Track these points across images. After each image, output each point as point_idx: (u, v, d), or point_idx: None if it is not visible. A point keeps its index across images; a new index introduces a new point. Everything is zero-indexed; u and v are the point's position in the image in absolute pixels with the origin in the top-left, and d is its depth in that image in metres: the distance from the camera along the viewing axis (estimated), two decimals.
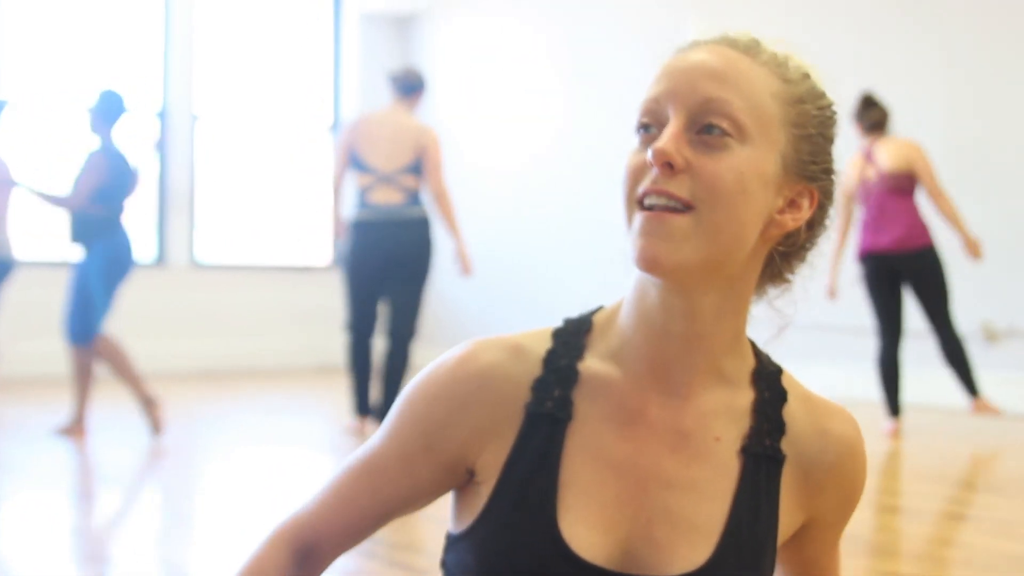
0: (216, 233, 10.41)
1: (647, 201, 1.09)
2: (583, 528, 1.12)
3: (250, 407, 7.88)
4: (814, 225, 1.18)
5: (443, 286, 10.63)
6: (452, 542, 1.22)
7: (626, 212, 1.12)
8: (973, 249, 6.20)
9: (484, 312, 10.29)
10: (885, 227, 6.20)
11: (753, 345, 1.21)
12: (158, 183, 10.11)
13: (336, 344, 10.62)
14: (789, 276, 1.19)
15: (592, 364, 1.17)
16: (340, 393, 8.21)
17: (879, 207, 6.21)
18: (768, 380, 1.20)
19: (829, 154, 1.16)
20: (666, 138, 1.08)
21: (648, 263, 1.09)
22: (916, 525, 4.06)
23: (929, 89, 7.72)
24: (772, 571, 1.18)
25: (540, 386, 1.16)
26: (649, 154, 1.08)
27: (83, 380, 6.13)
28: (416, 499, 1.22)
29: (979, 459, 5.72)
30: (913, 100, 7.65)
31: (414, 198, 6.18)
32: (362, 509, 1.22)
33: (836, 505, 1.22)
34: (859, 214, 6.33)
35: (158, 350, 9.85)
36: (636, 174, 1.11)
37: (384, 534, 3.67)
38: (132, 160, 6.23)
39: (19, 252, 6.88)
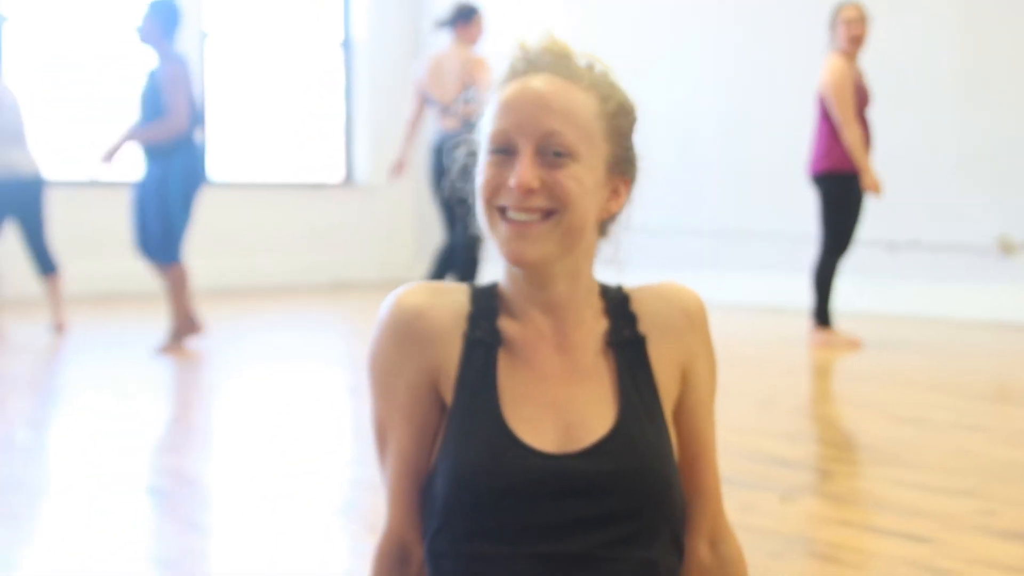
0: (229, 152, 10.37)
1: (511, 215, 1.42)
2: (524, 423, 1.44)
3: (267, 324, 7.92)
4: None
5: None
6: (427, 486, 1.46)
7: (486, 214, 1.45)
8: (873, 187, 6.17)
9: None
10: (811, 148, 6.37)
11: (600, 283, 1.54)
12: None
13: (351, 260, 10.69)
14: (612, 233, 1.54)
15: (503, 315, 1.50)
16: (354, 309, 8.24)
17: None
18: (613, 292, 1.54)
19: (634, 147, 1.51)
20: (524, 169, 1.41)
21: (518, 261, 1.43)
22: (929, 436, 4.07)
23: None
24: (667, 430, 1.48)
25: (473, 318, 1.48)
26: (512, 182, 1.41)
27: (181, 293, 6.05)
28: (431, 435, 1.48)
29: (994, 372, 5.71)
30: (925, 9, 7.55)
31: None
32: (407, 485, 1.48)
33: (699, 351, 1.53)
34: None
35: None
36: (495, 188, 1.44)
37: None
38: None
39: (48, 171, 6.94)
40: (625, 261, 1.55)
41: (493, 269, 1.48)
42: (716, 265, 8.72)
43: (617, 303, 1.53)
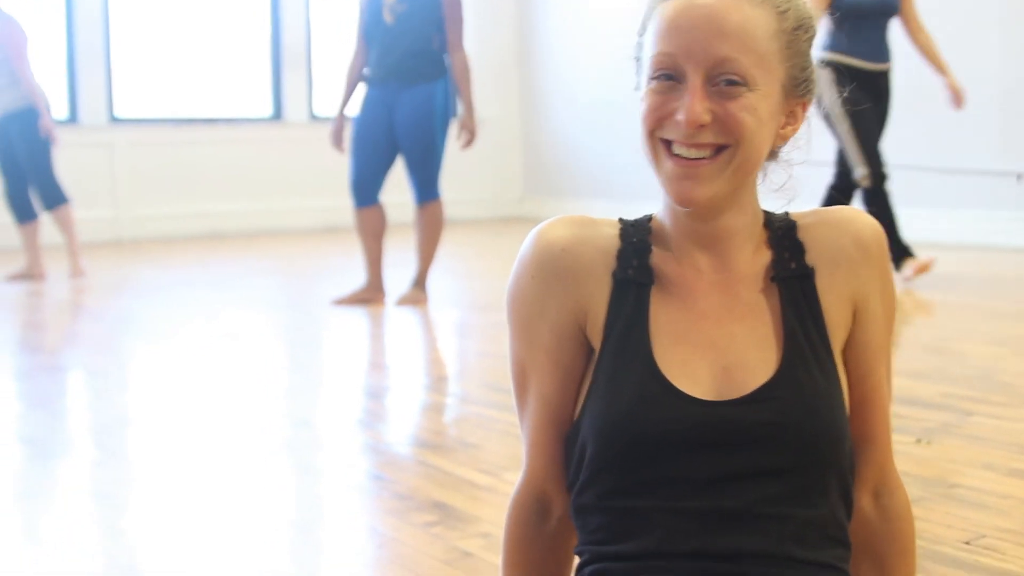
0: (333, 87, 10.31)
1: (677, 150, 1.29)
2: (677, 367, 1.31)
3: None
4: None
5: (566, 135, 10.48)
6: (570, 437, 1.36)
7: (648, 146, 1.32)
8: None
9: (607, 159, 10.09)
10: None
11: (765, 212, 1.41)
12: (272, 37, 10.03)
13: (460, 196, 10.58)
14: (783, 158, 1.41)
15: (656, 250, 1.37)
16: (462, 244, 8.16)
17: None
18: (778, 220, 1.39)
19: (811, 65, 1.37)
20: (694, 102, 1.27)
21: (685, 202, 1.30)
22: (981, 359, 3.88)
23: None
24: (836, 374, 1.34)
25: (622, 256, 1.36)
26: (680, 116, 1.27)
27: (433, 237, 5.72)
28: (577, 379, 1.37)
29: None
30: None
31: None
32: (550, 434, 1.37)
33: (873, 286, 1.37)
34: None
35: (275, 207, 9.89)
36: (659, 117, 1.30)
37: None
38: None
39: (51, 104, 6.91)
40: (796, 189, 1.41)
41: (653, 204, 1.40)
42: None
43: (783, 232, 1.38)
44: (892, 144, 8.02)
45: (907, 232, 7.88)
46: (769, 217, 1.40)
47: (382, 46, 5.66)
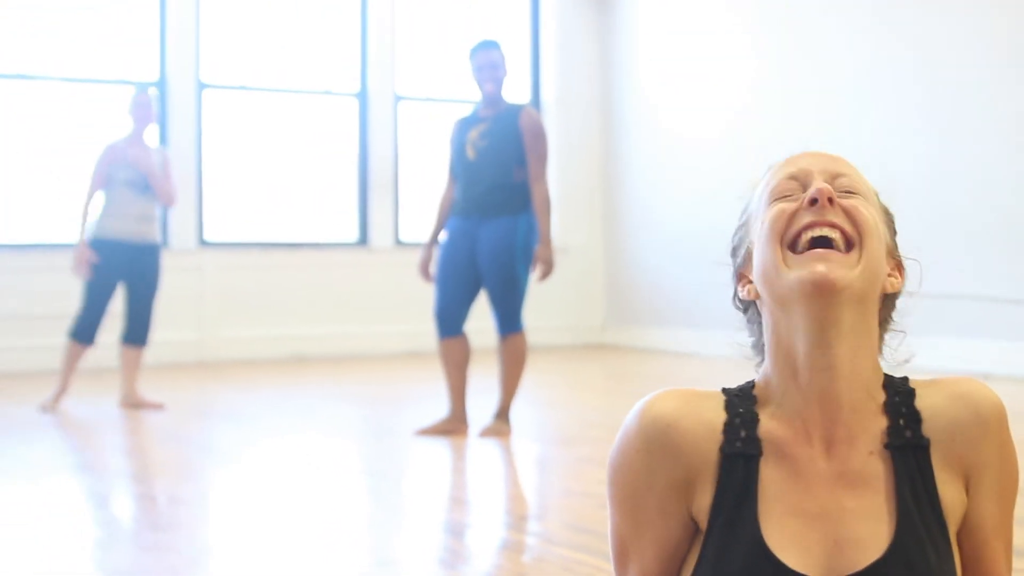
0: (418, 213, 10.42)
1: (815, 232, 1.31)
2: (787, 543, 1.29)
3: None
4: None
5: (649, 263, 10.46)
6: None
7: (776, 254, 1.32)
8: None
9: (689, 287, 10.04)
10: None
11: (885, 374, 1.38)
12: (360, 164, 10.19)
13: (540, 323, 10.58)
14: (894, 323, 1.41)
15: (764, 418, 1.35)
16: (547, 372, 8.12)
17: None
18: (895, 383, 1.36)
19: (897, 252, 1.42)
20: (822, 184, 1.33)
21: (823, 284, 1.28)
22: None
23: None
24: (950, 553, 1.30)
25: (730, 428, 1.34)
26: (811, 193, 1.32)
27: (516, 370, 5.66)
28: (680, 558, 1.35)
29: None
30: None
31: None
32: None
33: (990, 461, 1.33)
34: None
35: (359, 331, 9.95)
36: (787, 218, 1.33)
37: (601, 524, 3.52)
38: None
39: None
40: (907, 358, 1.40)
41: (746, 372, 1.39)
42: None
43: (901, 399, 1.35)
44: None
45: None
46: (889, 380, 1.38)
47: (466, 180, 5.74)
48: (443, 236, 5.84)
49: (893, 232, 1.43)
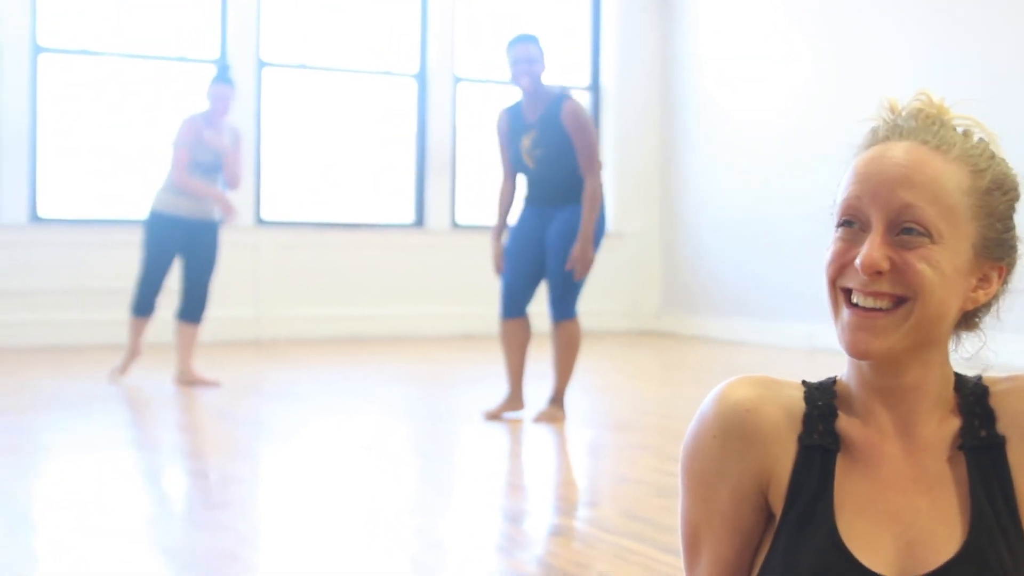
0: (475, 196, 10.40)
1: (855, 299, 1.27)
2: (861, 540, 1.27)
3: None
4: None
5: (705, 251, 10.38)
6: None
7: (829, 295, 1.30)
8: None
9: (745, 275, 9.95)
10: None
11: (957, 374, 1.35)
12: (417, 145, 10.17)
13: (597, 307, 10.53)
14: (979, 326, 1.35)
15: (842, 414, 1.33)
16: (601, 356, 8.08)
17: None
18: (970, 385, 1.33)
19: (1014, 230, 1.32)
20: (873, 247, 1.25)
21: (859, 354, 1.27)
22: None
23: None
24: None
25: (809, 419, 1.32)
26: (858, 262, 1.25)
27: (569, 356, 5.67)
28: (754, 545, 1.34)
29: None
30: None
31: None
32: None
33: None
34: None
35: (414, 312, 9.95)
36: (841, 265, 1.28)
37: (657, 515, 3.48)
38: None
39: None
40: (989, 361, 1.34)
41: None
42: None
43: (974, 398, 1.33)
44: None
45: None
46: (961, 381, 1.35)
47: (531, 181, 5.78)
48: (511, 222, 5.83)
49: (1001, 218, 1.30)
